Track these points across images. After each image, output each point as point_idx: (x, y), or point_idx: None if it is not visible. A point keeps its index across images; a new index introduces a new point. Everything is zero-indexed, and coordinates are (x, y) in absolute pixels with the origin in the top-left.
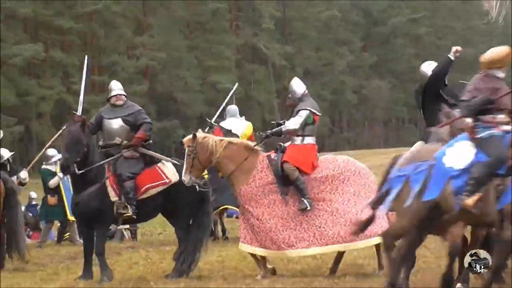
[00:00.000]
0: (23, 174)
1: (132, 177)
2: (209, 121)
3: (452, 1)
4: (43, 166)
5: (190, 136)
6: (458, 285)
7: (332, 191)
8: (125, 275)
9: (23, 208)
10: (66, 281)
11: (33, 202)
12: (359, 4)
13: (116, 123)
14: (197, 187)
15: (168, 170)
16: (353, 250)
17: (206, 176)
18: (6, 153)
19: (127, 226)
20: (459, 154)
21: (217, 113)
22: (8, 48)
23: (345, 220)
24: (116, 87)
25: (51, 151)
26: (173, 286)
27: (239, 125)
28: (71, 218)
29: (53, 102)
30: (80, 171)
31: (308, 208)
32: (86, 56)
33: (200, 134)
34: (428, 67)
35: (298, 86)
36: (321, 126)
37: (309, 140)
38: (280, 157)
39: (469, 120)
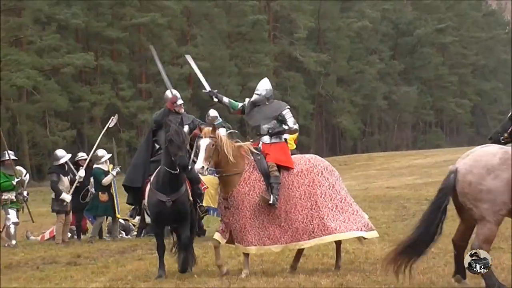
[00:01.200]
0: (82, 172)
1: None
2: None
3: (476, 13)
4: (95, 166)
5: (210, 128)
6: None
7: (310, 183)
8: (171, 268)
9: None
10: (115, 274)
11: None
12: (389, 16)
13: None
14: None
15: None
16: (384, 247)
17: None
18: (63, 153)
19: None
20: None
21: None
22: (61, 57)
23: (323, 214)
24: (178, 95)
25: (101, 152)
26: (215, 279)
27: None
28: (118, 215)
29: (104, 106)
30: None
31: (271, 203)
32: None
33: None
34: None
35: (267, 86)
36: (354, 130)
37: (276, 138)
38: (262, 157)
39: None
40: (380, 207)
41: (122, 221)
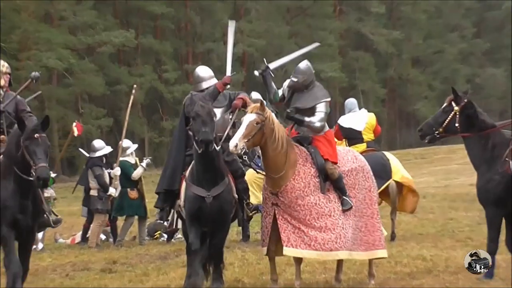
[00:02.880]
0: (117, 170)
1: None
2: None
3: None
4: (121, 159)
5: (258, 104)
6: None
7: (354, 186)
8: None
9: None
10: (156, 282)
11: None
12: None
13: (217, 113)
14: (244, 158)
15: None
16: (466, 253)
17: None
18: (102, 145)
19: None
20: None
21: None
22: (98, 34)
23: (364, 223)
24: (210, 73)
25: (126, 142)
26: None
27: (359, 119)
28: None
29: (145, 91)
30: (218, 147)
31: (353, 206)
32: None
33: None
34: None
35: (305, 70)
36: None
37: (326, 127)
38: (315, 149)
39: None
40: (463, 207)
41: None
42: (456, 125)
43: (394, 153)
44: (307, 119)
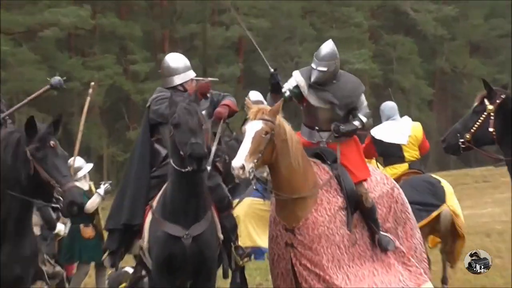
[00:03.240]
0: None
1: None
2: None
3: None
4: None
5: (264, 106)
6: None
7: (387, 217)
8: None
9: None
10: None
11: None
12: None
13: None
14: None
15: None
16: None
17: None
18: None
19: None
20: None
21: None
22: (39, 14)
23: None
24: (185, 63)
25: (78, 161)
26: None
27: (399, 130)
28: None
29: (105, 89)
30: (208, 167)
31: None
32: None
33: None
34: None
35: (333, 56)
36: None
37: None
38: (342, 169)
39: None
40: None
41: (130, 270)
42: (490, 130)
43: (446, 175)
44: (357, 123)
